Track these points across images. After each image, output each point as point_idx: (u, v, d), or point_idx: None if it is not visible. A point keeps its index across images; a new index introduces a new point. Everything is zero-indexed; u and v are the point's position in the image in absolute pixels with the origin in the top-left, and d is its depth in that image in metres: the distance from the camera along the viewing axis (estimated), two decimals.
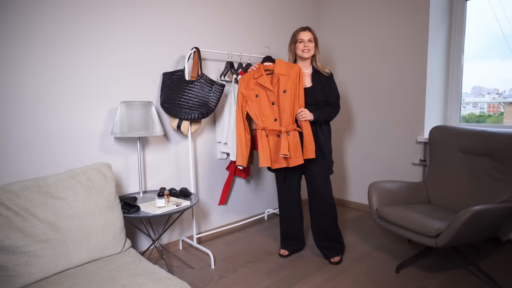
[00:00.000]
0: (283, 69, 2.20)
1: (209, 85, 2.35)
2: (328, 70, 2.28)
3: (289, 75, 2.18)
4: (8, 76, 1.81)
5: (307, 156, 2.18)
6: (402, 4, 2.99)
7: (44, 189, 1.53)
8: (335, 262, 2.26)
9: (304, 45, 2.20)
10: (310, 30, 2.23)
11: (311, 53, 2.23)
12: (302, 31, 2.22)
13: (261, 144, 2.23)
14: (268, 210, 3.23)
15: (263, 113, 2.24)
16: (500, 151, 2.19)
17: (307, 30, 2.22)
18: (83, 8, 2.04)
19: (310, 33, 2.21)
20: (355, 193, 3.52)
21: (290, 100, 2.17)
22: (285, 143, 2.16)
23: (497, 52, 2.80)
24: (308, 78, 2.27)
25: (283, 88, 2.16)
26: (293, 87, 2.18)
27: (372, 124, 3.30)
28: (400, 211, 2.16)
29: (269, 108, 2.21)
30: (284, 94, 2.16)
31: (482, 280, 2.02)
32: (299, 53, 2.23)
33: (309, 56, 2.23)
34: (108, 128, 2.20)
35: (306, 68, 2.28)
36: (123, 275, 1.40)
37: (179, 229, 2.63)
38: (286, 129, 2.17)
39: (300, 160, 2.20)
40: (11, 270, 1.35)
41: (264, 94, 2.22)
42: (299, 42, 2.22)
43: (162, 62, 2.43)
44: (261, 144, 2.23)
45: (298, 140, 2.20)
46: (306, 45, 2.19)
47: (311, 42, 2.21)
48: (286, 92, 2.15)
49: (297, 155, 2.20)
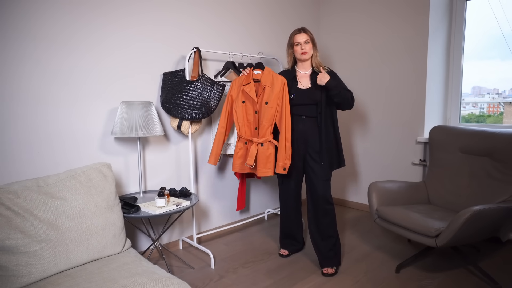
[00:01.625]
0: (268, 80, 2.22)
1: (210, 85, 2.35)
2: (327, 70, 2.22)
3: (274, 87, 2.19)
4: (8, 76, 1.81)
5: (277, 171, 2.22)
6: (402, 4, 2.99)
7: (44, 189, 1.52)
8: (328, 274, 2.14)
9: (301, 48, 2.18)
10: (305, 32, 2.19)
11: (310, 55, 2.20)
12: (298, 33, 2.19)
13: (237, 151, 2.33)
14: (268, 210, 3.23)
15: (249, 120, 2.30)
16: (500, 151, 2.19)
17: (302, 32, 2.19)
18: (83, 8, 2.04)
19: (306, 34, 2.19)
20: (355, 193, 3.52)
21: (270, 112, 2.19)
22: (253, 153, 2.23)
23: (497, 52, 2.80)
24: (307, 79, 2.25)
25: (266, 100, 2.19)
26: (276, 100, 2.19)
27: (372, 124, 3.30)
28: (400, 211, 2.16)
29: (252, 116, 2.28)
30: (265, 105, 2.18)
31: (482, 280, 2.02)
32: (297, 56, 2.21)
33: (308, 58, 2.21)
34: (108, 128, 2.20)
35: (306, 69, 2.26)
36: (123, 275, 1.40)
37: (179, 229, 2.63)
38: (259, 140, 2.22)
39: (269, 172, 2.24)
40: (11, 270, 1.35)
41: (250, 102, 2.28)
42: (296, 45, 2.20)
43: (163, 62, 2.43)
44: (237, 151, 2.33)
45: (271, 152, 2.25)
46: (303, 47, 2.17)
47: (307, 44, 2.18)
48: (268, 104, 2.18)
49: (268, 167, 2.24)
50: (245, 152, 2.33)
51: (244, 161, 2.33)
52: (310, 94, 2.20)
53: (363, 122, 3.37)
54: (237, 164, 2.35)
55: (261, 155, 2.23)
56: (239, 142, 2.33)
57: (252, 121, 2.28)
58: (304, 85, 2.24)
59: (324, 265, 2.18)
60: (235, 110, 2.31)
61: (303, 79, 2.26)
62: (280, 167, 2.19)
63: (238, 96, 2.30)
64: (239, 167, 2.36)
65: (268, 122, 2.21)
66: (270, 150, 2.24)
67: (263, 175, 2.25)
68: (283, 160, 2.18)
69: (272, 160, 2.24)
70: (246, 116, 2.29)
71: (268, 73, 2.26)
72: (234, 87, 2.34)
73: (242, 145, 2.32)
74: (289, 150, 2.17)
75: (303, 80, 2.25)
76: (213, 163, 2.38)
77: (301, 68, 2.27)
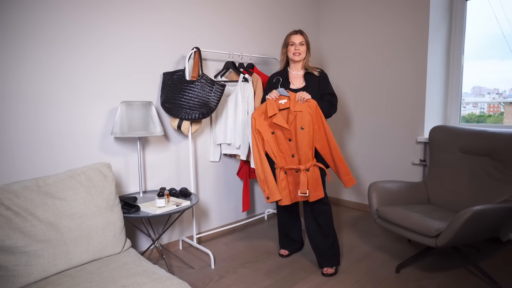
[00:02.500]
0: (298, 106, 2.12)
1: (210, 85, 2.35)
2: (319, 70, 2.28)
3: (306, 111, 2.11)
4: (7, 75, 1.81)
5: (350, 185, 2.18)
6: (402, 4, 2.99)
7: (44, 189, 1.52)
8: (328, 274, 2.14)
9: (295, 48, 2.21)
10: (302, 34, 2.24)
11: (302, 57, 2.23)
12: (294, 34, 2.23)
13: (280, 183, 2.19)
14: (268, 210, 3.23)
15: (281, 150, 2.19)
16: (500, 151, 2.19)
17: (299, 33, 2.23)
18: (83, 8, 2.04)
19: (302, 36, 2.22)
20: (355, 193, 3.52)
21: (308, 136, 2.12)
22: (304, 181, 2.11)
23: (496, 52, 2.80)
24: (301, 79, 2.28)
25: (300, 125, 2.11)
26: (311, 123, 2.12)
27: (372, 124, 3.30)
28: (400, 211, 2.16)
29: (286, 145, 2.16)
30: (301, 130, 2.11)
31: (482, 280, 2.02)
32: (290, 56, 2.24)
33: (300, 60, 2.24)
34: (108, 128, 2.20)
35: (298, 70, 2.29)
36: (123, 275, 1.40)
37: (179, 229, 2.63)
38: (305, 166, 2.13)
39: (320, 195, 2.16)
40: (11, 270, 1.35)
41: (280, 131, 2.17)
42: (290, 45, 2.23)
43: (163, 62, 2.43)
44: (280, 182, 2.19)
45: (318, 175, 2.16)
46: (297, 48, 2.21)
47: (302, 46, 2.21)
48: (304, 129, 2.11)
49: (317, 189, 2.16)
50: (287, 183, 2.20)
51: (288, 192, 2.20)
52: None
53: (363, 122, 3.37)
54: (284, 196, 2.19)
55: (310, 180, 2.14)
56: (281, 173, 2.20)
57: (286, 149, 2.17)
58: (297, 85, 2.27)
59: (323, 265, 2.18)
60: (267, 141, 2.19)
61: (296, 79, 2.29)
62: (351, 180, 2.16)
63: (265, 128, 2.19)
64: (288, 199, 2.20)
65: (308, 146, 2.12)
66: (317, 173, 2.16)
67: (316, 198, 2.16)
68: (348, 174, 2.15)
69: (320, 182, 2.17)
70: (278, 146, 2.19)
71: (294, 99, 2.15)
72: (256, 120, 2.20)
73: (284, 175, 2.19)
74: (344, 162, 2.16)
75: (296, 81, 2.29)
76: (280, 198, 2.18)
77: (293, 69, 2.30)
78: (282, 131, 2.16)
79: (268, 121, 2.19)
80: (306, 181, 2.12)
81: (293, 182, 2.18)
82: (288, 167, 2.16)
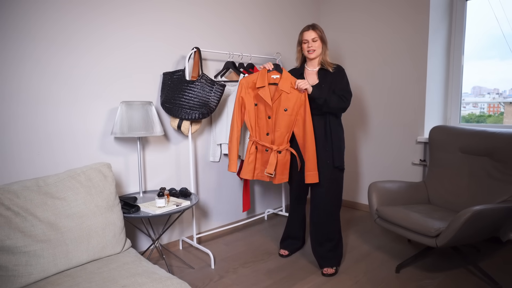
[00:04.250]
0: (287, 86, 2.09)
1: (210, 85, 2.35)
2: (334, 66, 2.18)
3: (293, 94, 2.07)
4: (7, 75, 1.81)
5: (310, 181, 2.09)
6: (402, 4, 2.99)
7: (44, 189, 1.52)
8: (328, 274, 2.12)
9: (308, 46, 2.14)
10: (314, 29, 2.13)
11: (317, 53, 2.15)
12: (306, 30, 2.14)
13: (248, 156, 2.18)
14: (268, 210, 3.23)
15: (259, 125, 2.18)
16: (500, 151, 2.19)
17: (311, 29, 2.13)
18: (83, 8, 2.04)
19: (314, 32, 2.12)
20: (355, 193, 3.52)
21: (288, 120, 2.10)
22: (273, 162, 2.12)
23: (496, 52, 2.80)
24: (314, 76, 2.20)
25: (285, 106, 2.08)
26: (296, 108, 2.08)
27: (372, 124, 3.30)
28: (400, 211, 2.16)
29: (264, 121, 2.15)
30: (284, 112, 2.08)
31: (482, 280, 2.02)
32: (305, 54, 2.17)
33: (315, 56, 2.16)
34: (108, 128, 2.20)
35: (314, 67, 2.22)
36: (123, 275, 1.40)
37: (179, 229, 2.63)
38: (278, 148, 2.13)
39: (285, 179, 2.19)
40: (11, 270, 1.35)
41: (263, 106, 2.14)
42: (303, 43, 2.16)
43: (163, 62, 2.43)
44: (248, 156, 2.18)
45: (288, 159, 2.19)
46: (310, 46, 2.13)
47: (315, 42, 2.13)
48: (287, 111, 2.07)
49: (284, 173, 2.19)
50: (255, 158, 2.19)
51: (253, 167, 2.19)
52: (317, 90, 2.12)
53: (363, 122, 3.37)
54: (248, 169, 2.17)
55: (279, 162, 2.13)
56: (252, 147, 2.16)
57: (263, 126, 2.15)
58: (311, 82, 2.18)
59: (323, 265, 2.17)
60: (248, 111, 2.16)
61: (310, 76, 2.21)
62: (315, 176, 2.08)
63: (249, 98, 2.17)
64: (250, 174, 2.18)
65: (286, 129, 2.11)
66: (287, 157, 2.17)
67: (280, 181, 2.19)
68: (315, 169, 2.08)
69: (288, 166, 2.19)
70: (256, 120, 2.17)
71: (287, 77, 2.12)
72: (244, 87, 2.18)
73: (254, 149, 2.17)
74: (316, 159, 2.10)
75: (310, 78, 2.21)
76: (235, 170, 2.21)
77: (309, 66, 2.23)
78: (264, 106, 2.14)
79: (254, 92, 2.17)
80: (275, 163, 2.12)
81: (261, 160, 2.18)
82: (261, 143, 2.16)
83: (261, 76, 2.14)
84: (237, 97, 2.20)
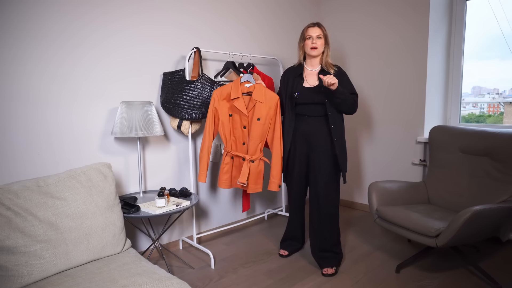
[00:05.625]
0: (260, 96, 2.14)
1: (210, 85, 2.35)
2: (336, 68, 2.16)
3: (265, 103, 2.14)
4: (8, 75, 1.81)
5: (270, 188, 2.20)
6: (402, 4, 2.99)
7: (44, 189, 1.52)
8: (328, 274, 2.11)
9: (312, 42, 2.09)
10: (319, 26, 2.11)
11: (320, 51, 2.12)
12: (311, 27, 2.11)
13: (223, 167, 2.25)
14: (268, 210, 3.23)
15: (234, 134, 2.22)
16: (500, 151, 2.19)
17: (316, 26, 2.11)
18: (83, 8, 2.04)
19: (319, 29, 2.10)
20: (355, 193, 3.52)
21: (262, 129, 2.15)
22: (245, 171, 2.17)
23: (496, 52, 2.80)
24: (314, 77, 2.16)
25: (258, 116, 2.12)
26: (268, 117, 2.14)
27: (372, 124, 3.30)
28: (400, 211, 2.16)
29: (240, 131, 2.19)
30: (257, 122, 2.12)
31: (482, 280, 2.02)
32: (307, 50, 2.13)
33: (317, 54, 2.13)
34: (108, 128, 2.20)
35: (314, 67, 2.19)
36: (123, 275, 1.40)
37: (179, 229, 2.63)
38: (251, 157, 2.17)
39: (259, 188, 2.23)
40: (11, 270, 1.35)
41: (238, 116, 2.18)
42: (307, 38, 2.11)
43: (163, 62, 2.43)
44: (223, 166, 2.25)
45: (261, 169, 2.24)
46: (314, 42, 2.09)
47: (319, 39, 2.10)
48: (260, 120, 2.12)
49: (257, 183, 2.24)
50: (231, 168, 2.24)
51: (230, 177, 2.26)
52: (315, 94, 2.12)
53: (363, 122, 3.37)
54: (223, 180, 2.25)
55: (252, 172, 2.18)
56: (227, 157, 2.23)
57: (239, 136, 2.19)
58: (310, 83, 2.16)
59: (323, 266, 2.17)
60: (222, 122, 2.19)
61: (310, 77, 2.18)
62: (276, 184, 2.19)
63: (223, 108, 2.20)
64: (226, 183, 2.25)
65: (259, 138, 2.16)
66: (261, 166, 2.23)
67: (254, 191, 2.24)
68: (278, 178, 2.18)
69: (262, 176, 2.24)
70: (232, 130, 2.20)
71: (260, 87, 2.17)
72: (217, 98, 2.21)
73: (229, 160, 2.23)
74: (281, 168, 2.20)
75: (310, 78, 2.17)
76: (204, 181, 2.25)
77: (309, 65, 2.20)
78: (240, 116, 2.18)
79: (229, 103, 2.20)
80: (248, 172, 2.17)
81: (238, 168, 2.23)
82: (235, 154, 2.21)
83: (235, 86, 2.18)
84: (210, 108, 2.22)
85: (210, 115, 2.21)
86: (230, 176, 2.25)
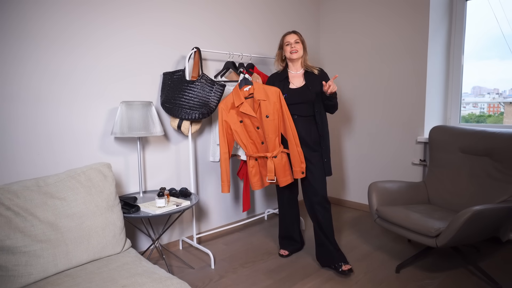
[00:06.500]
0: (262, 94, 2.18)
1: (210, 85, 2.35)
2: (318, 69, 2.31)
3: (270, 100, 2.18)
4: (8, 75, 1.81)
5: (296, 176, 2.23)
6: (402, 4, 2.99)
7: (44, 189, 1.52)
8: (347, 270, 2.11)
9: (291, 47, 2.23)
10: (296, 33, 2.26)
11: (300, 54, 2.25)
12: (288, 34, 2.27)
13: (251, 170, 2.29)
14: (268, 210, 3.23)
15: (251, 138, 2.26)
16: (500, 151, 2.19)
17: (292, 33, 2.26)
18: (84, 8, 2.04)
19: (296, 35, 2.25)
20: (355, 193, 3.52)
21: (273, 124, 2.18)
22: (271, 168, 2.20)
23: (496, 52, 2.80)
24: (300, 78, 2.29)
25: (266, 113, 2.17)
26: (275, 111, 2.18)
27: (372, 124, 3.30)
28: (400, 211, 2.16)
29: (255, 132, 2.23)
30: (267, 119, 2.16)
31: (482, 280, 2.02)
32: (287, 55, 2.26)
33: (297, 57, 2.26)
34: (108, 128, 2.20)
35: (297, 69, 2.31)
36: (123, 275, 1.40)
37: (179, 229, 2.63)
38: (272, 154, 2.20)
39: (290, 179, 2.25)
40: (11, 270, 1.35)
41: (248, 120, 2.22)
42: (286, 45, 2.26)
43: (163, 62, 2.43)
44: (251, 169, 2.28)
45: (286, 161, 2.25)
46: (293, 47, 2.23)
47: (298, 43, 2.24)
48: (269, 117, 2.16)
49: (287, 175, 2.25)
50: (258, 169, 2.29)
51: (260, 177, 2.31)
52: (303, 93, 2.24)
53: (363, 122, 3.37)
54: (254, 181, 2.30)
55: (278, 166, 2.22)
56: (251, 161, 2.28)
57: (256, 137, 2.24)
58: (297, 84, 2.28)
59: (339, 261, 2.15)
60: (236, 131, 2.24)
61: (295, 79, 2.30)
62: (298, 172, 2.20)
63: (232, 118, 2.24)
64: (257, 184, 2.31)
65: (274, 134, 2.19)
66: (285, 158, 2.25)
67: (286, 183, 2.25)
68: (299, 165, 2.19)
69: (288, 167, 2.26)
70: (248, 134, 2.26)
71: (259, 86, 2.21)
72: (224, 111, 2.23)
73: (254, 162, 2.28)
74: (302, 154, 2.21)
75: (295, 80, 2.29)
76: (228, 191, 2.28)
77: (292, 69, 2.32)
78: (250, 119, 2.21)
79: (235, 110, 2.23)
80: (273, 168, 2.21)
81: (265, 168, 2.27)
82: (257, 155, 2.25)
83: (236, 94, 2.22)
84: (219, 122, 2.24)
85: (221, 128, 2.24)
86: (259, 176, 2.30)
